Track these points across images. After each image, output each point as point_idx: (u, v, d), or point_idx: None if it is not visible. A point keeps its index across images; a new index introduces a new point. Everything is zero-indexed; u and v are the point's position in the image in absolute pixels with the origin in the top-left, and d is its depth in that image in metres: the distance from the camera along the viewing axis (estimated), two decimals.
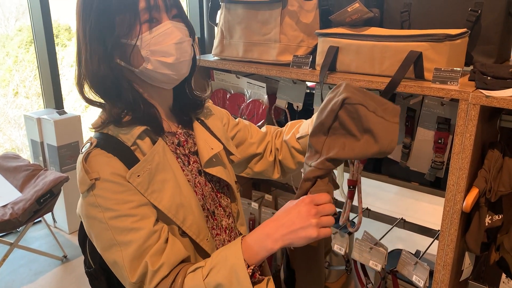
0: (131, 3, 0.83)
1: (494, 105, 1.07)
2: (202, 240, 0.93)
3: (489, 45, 1.34)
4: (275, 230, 0.83)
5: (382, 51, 1.27)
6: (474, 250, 1.26)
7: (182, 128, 1.00)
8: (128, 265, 0.83)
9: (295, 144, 1.16)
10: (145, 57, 0.86)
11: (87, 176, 0.83)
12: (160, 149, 0.90)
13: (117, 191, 0.83)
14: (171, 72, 0.88)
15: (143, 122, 0.89)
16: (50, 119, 2.84)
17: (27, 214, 2.39)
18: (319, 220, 0.82)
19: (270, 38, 1.50)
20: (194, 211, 0.91)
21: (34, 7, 2.97)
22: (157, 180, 0.87)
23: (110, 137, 0.88)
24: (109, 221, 0.83)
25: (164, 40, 0.86)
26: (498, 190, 1.19)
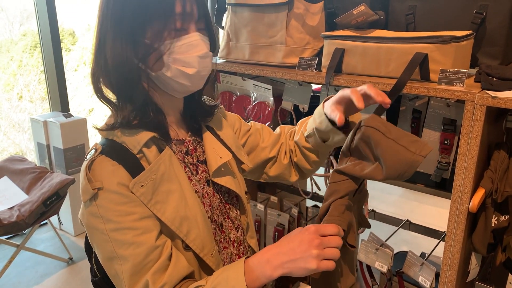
0: (168, 6, 0.82)
1: (500, 106, 1.07)
2: (206, 255, 0.90)
3: (494, 47, 1.34)
4: (275, 257, 0.80)
5: (388, 53, 1.28)
6: (481, 250, 1.26)
7: (191, 135, 0.98)
8: (127, 280, 0.82)
9: (305, 143, 1.12)
10: (166, 64, 0.84)
11: (90, 185, 0.81)
12: (167, 158, 0.87)
13: (119, 202, 0.82)
14: (188, 83, 0.87)
15: (150, 128, 0.88)
16: (56, 122, 2.86)
17: (33, 216, 2.40)
18: (321, 252, 0.77)
19: (276, 41, 1.51)
20: (199, 224, 0.88)
21: (41, 11, 3.00)
22: (161, 191, 0.85)
23: (116, 143, 0.86)
24: (110, 233, 0.81)
25: (189, 51, 0.84)
26: (504, 191, 1.19)
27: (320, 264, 0.77)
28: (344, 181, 0.91)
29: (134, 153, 0.86)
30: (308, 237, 0.79)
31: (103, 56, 0.84)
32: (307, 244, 0.78)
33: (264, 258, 0.80)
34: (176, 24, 0.83)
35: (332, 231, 0.81)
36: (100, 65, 0.85)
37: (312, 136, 1.09)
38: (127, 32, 0.82)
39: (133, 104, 0.86)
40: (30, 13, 5.60)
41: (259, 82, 1.67)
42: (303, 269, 0.77)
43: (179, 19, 0.83)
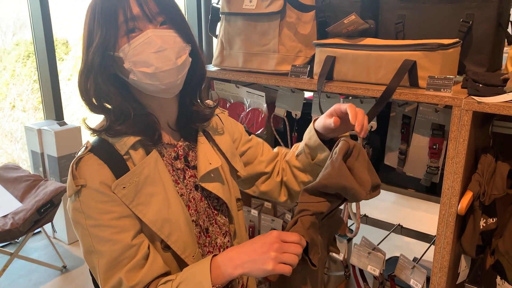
0: (111, 16, 0.84)
1: (486, 111, 1.11)
2: (188, 256, 0.92)
3: (481, 55, 1.38)
4: (237, 256, 0.83)
5: (377, 60, 1.32)
6: (470, 252, 1.29)
7: (184, 141, 0.98)
8: (102, 274, 0.85)
9: (295, 162, 1.15)
10: (129, 69, 0.85)
11: (74, 182, 0.84)
12: (152, 162, 0.89)
13: (100, 201, 0.84)
14: (153, 82, 0.86)
15: (137, 132, 0.89)
16: (50, 130, 2.87)
17: (27, 224, 2.40)
18: (278, 255, 0.80)
19: (269, 49, 1.54)
20: (181, 227, 0.90)
21: (35, 20, 3.02)
22: (144, 193, 0.87)
23: (106, 143, 0.89)
24: (90, 228, 0.85)
25: (144, 50, 0.84)
26: (491, 194, 1.23)
27: (276, 266, 0.79)
28: (315, 203, 0.93)
29: (121, 154, 0.88)
30: (269, 240, 0.82)
31: (82, 67, 0.88)
32: (267, 246, 0.81)
33: (228, 256, 0.84)
34: (125, 30, 0.85)
35: (293, 238, 0.84)
36: (80, 77, 0.89)
37: (302, 153, 1.12)
38: (90, 44, 0.86)
39: (113, 112, 0.89)
40: (23, 23, 5.62)
41: (252, 89, 1.70)
42: (260, 269, 0.80)
43: (124, 25, 0.85)
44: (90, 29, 0.87)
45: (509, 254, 1.27)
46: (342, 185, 0.89)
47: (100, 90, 0.87)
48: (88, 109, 0.91)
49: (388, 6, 1.47)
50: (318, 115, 1.56)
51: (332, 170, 0.91)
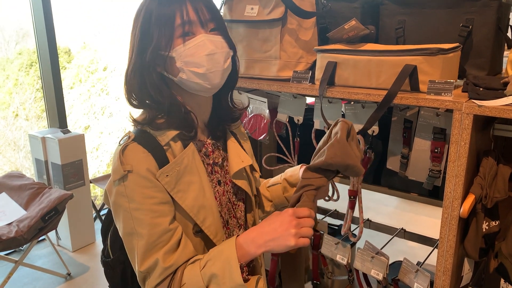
0: (168, 19, 0.92)
1: (487, 114, 1.12)
2: (219, 240, 0.99)
3: (481, 59, 1.39)
4: (259, 237, 0.91)
5: (378, 65, 1.33)
6: (473, 255, 1.29)
7: (211, 139, 1.06)
8: (141, 254, 0.91)
9: (265, 191, 1.26)
10: (180, 68, 0.94)
11: (122, 167, 0.90)
12: (190, 153, 0.97)
13: (144, 186, 0.91)
14: (203, 81, 0.95)
15: (177, 126, 0.97)
16: (54, 138, 2.89)
17: (32, 232, 2.41)
18: (298, 230, 0.90)
19: (270, 55, 1.56)
20: (214, 213, 0.99)
21: (39, 29, 3.05)
22: (183, 181, 0.95)
23: (147, 133, 0.96)
24: (132, 211, 0.91)
25: (197, 52, 0.93)
26: (493, 197, 1.23)
27: (297, 241, 0.90)
28: (317, 178, 1.03)
29: (162, 145, 0.95)
30: (287, 218, 0.91)
31: (129, 66, 0.97)
32: (286, 225, 0.90)
33: (250, 237, 0.92)
34: (181, 32, 0.93)
35: (306, 213, 0.94)
36: (129, 75, 0.97)
37: (276, 185, 1.24)
38: (141, 43, 0.94)
39: (159, 108, 0.96)
40: (26, 32, 5.66)
41: (254, 95, 1.72)
42: (283, 246, 0.90)
43: (180, 27, 0.93)
44: (144, 30, 0.94)
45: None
46: (347, 163, 1.00)
47: (148, 88, 0.95)
48: (130, 105, 0.99)
49: (388, 12, 1.48)
50: (321, 120, 1.58)
51: (338, 150, 1.00)
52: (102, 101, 6.25)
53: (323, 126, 1.59)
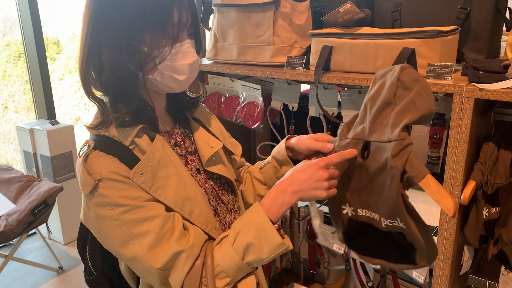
0: (166, 16, 0.83)
1: (488, 98, 1.08)
2: (211, 230, 0.93)
3: (479, 42, 1.36)
4: (290, 187, 0.89)
5: (375, 49, 1.29)
6: (473, 243, 1.27)
7: (179, 127, 1.01)
8: (148, 254, 0.83)
9: (258, 174, 1.17)
10: (160, 70, 0.87)
11: (90, 177, 0.82)
12: (160, 145, 0.90)
13: (122, 189, 0.84)
14: (176, 86, 0.91)
15: (140, 121, 0.90)
16: (43, 130, 2.82)
17: (21, 226, 2.36)
18: (330, 183, 0.89)
19: (263, 40, 1.51)
20: (200, 203, 0.92)
21: (24, 20, 2.97)
22: (160, 176, 0.87)
23: (107, 138, 0.88)
24: (121, 216, 0.83)
25: (182, 58, 0.87)
26: (494, 183, 1.20)
27: (329, 193, 0.90)
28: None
29: (127, 145, 0.87)
30: (319, 172, 0.89)
31: (97, 57, 0.85)
32: (318, 177, 0.89)
33: (279, 190, 0.90)
34: (173, 33, 0.85)
35: (338, 159, 0.91)
36: (92, 65, 0.86)
37: (267, 166, 1.14)
38: (125, 37, 0.83)
39: (127, 105, 0.88)
40: (14, 23, 5.54)
41: (247, 82, 1.67)
42: (314, 197, 0.90)
43: (176, 27, 0.85)
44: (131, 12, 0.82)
45: None
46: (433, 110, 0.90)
47: (123, 84, 0.86)
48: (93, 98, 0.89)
49: None
50: (316, 107, 1.54)
51: (427, 99, 0.89)
52: None
53: (319, 113, 1.55)
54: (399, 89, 0.89)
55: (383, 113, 0.91)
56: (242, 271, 0.87)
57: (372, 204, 0.97)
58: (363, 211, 0.99)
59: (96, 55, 0.85)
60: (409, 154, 0.86)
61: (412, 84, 0.89)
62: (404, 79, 0.89)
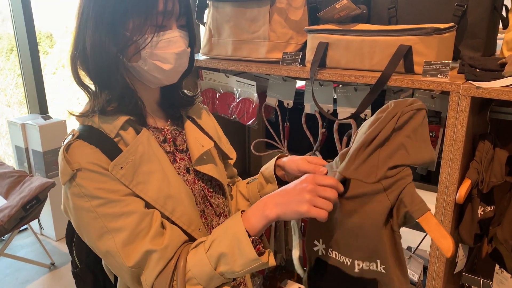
0: (151, 3, 0.82)
1: (485, 96, 1.08)
2: (194, 230, 0.90)
3: (475, 39, 1.35)
4: (271, 199, 0.83)
5: (371, 45, 1.28)
6: (468, 241, 1.26)
7: (171, 125, 0.98)
8: (121, 251, 0.81)
9: (243, 188, 1.14)
10: (143, 57, 0.86)
11: (69, 167, 0.81)
12: (145, 140, 0.88)
13: (100, 181, 0.82)
14: (162, 77, 0.89)
15: (126, 112, 0.88)
16: (35, 124, 2.79)
17: (13, 221, 2.34)
18: (313, 198, 0.79)
19: (259, 36, 1.49)
20: (184, 201, 0.89)
21: (16, 14, 2.93)
22: (142, 172, 0.85)
23: (92, 129, 0.87)
24: (97, 208, 0.81)
25: (167, 47, 0.86)
26: (490, 181, 1.20)
27: (310, 209, 0.78)
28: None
29: (112, 137, 0.86)
30: (304, 183, 0.81)
31: (82, 42, 0.85)
32: (300, 188, 0.81)
33: (262, 203, 0.83)
34: (157, 20, 0.84)
35: (329, 182, 0.82)
36: (78, 50, 0.86)
37: (254, 181, 1.11)
38: (108, 22, 0.83)
39: (110, 92, 0.87)
40: (5, 16, 5.47)
41: (242, 78, 1.65)
42: (294, 211, 0.80)
43: (160, 16, 0.84)
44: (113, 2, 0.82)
45: (508, 243, 1.24)
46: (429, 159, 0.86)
47: (109, 68, 0.85)
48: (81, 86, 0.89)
49: None
50: (311, 104, 1.53)
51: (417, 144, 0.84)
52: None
53: (314, 110, 1.54)
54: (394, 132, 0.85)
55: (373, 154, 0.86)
56: (214, 281, 0.82)
57: (343, 246, 0.91)
58: (333, 252, 0.93)
59: (81, 40, 0.85)
60: (403, 188, 0.83)
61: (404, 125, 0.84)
62: (400, 122, 0.84)
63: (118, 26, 0.83)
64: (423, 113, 0.84)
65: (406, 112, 0.84)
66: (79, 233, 0.87)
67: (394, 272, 0.87)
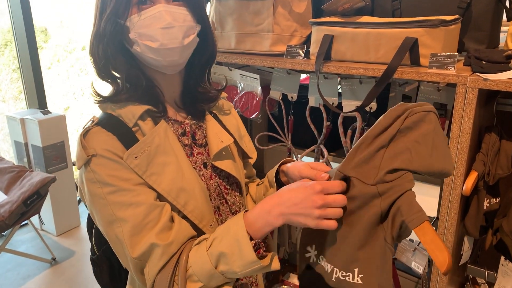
0: None
1: (493, 88, 1.07)
2: (205, 226, 0.90)
3: (480, 32, 1.35)
4: (276, 208, 0.79)
5: (377, 38, 1.27)
6: (473, 233, 1.27)
7: (191, 118, 0.97)
8: (128, 241, 0.81)
9: (253, 189, 1.12)
10: (133, 40, 0.85)
11: (84, 152, 0.82)
12: (161, 131, 0.87)
13: (114, 168, 0.82)
14: (157, 57, 0.85)
15: (144, 101, 0.88)
16: (34, 119, 2.78)
17: (14, 217, 2.33)
18: (323, 212, 0.76)
19: (263, 29, 1.49)
20: (197, 196, 0.88)
21: (14, 9, 2.91)
22: (156, 163, 0.85)
23: (112, 117, 0.87)
24: (108, 196, 0.81)
25: (152, 24, 0.83)
26: (496, 173, 1.20)
27: (319, 223, 0.76)
28: None
29: (130, 126, 0.86)
30: (312, 196, 0.77)
31: (92, 33, 0.88)
32: (310, 203, 0.76)
33: (265, 209, 0.80)
34: (138, 0, 0.84)
35: (338, 188, 0.79)
36: (95, 44, 0.87)
37: (262, 184, 1.09)
38: (108, 12, 0.84)
39: (124, 79, 0.88)
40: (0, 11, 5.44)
41: (245, 71, 1.65)
42: (301, 224, 0.78)
43: None
44: None
45: None
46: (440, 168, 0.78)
47: (109, 57, 0.86)
48: (97, 75, 0.90)
49: None
50: (316, 97, 1.53)
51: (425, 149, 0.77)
52: (82, 81, 6.07)
53: (318, 103, 1.54)
54: (399, 132, 0.78)
55: (376, 154, 0.80)
56: (215, 279, 0.81)
57: (330, 250, 0.86)
58: (323, 259, 0.88)
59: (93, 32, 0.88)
60: (401, 196, 0.76)
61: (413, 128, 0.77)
62: (407, 122, 0.78)
63: (113, 15, 0.84)
64: (433, 116, 0.77)
65: (415, 112, 0.77)
66: (92, 218, 0.88)
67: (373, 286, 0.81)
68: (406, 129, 0.78)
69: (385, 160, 0.79)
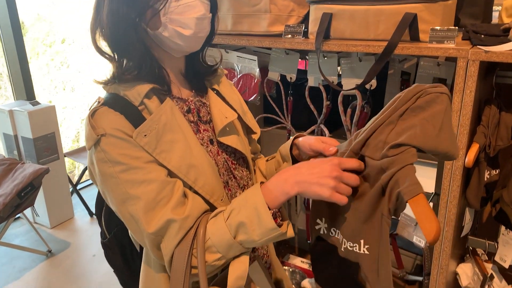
0: None
1: (494, 60, 1.09)
2: (216, 200, 0.91)
3: (474, 7, 1.37)
4: (293, 177, 0.82)
5: (377, 14, 1.28)
6: (475, 205, 1.29)
7: (195, 96, 0.98)
8: (143, 217, 0.82)
9: (262, 165, 1.14)
10: (164, 24, 0.85)
11: (93, 132, 0.82)
12: (168, 109, 0.88)
13: (124, 147, 0.82)
14: (184, 44, 0.88)
15: (150, 80, 0.88)
16: (23, 111, 2.73)
17: (8, 209, 2.30)
18: (337, 184, 0.79)
19: (260, 9, 1.48)
20: (206, 171, 0.89)
21: None
22: (165, 140, 0.86)
23: (118, 96, 0.87)
24: (119, 174, 0.82)
25: (187, 11, 0.85)
26: (496, 145, 1.23)
27: (333, 195, 0.79)
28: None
29: (136, 105, 0.86)
30: (330, 167, 0.81)
31: (101, 10, 0.85)
32: (327, 173, 0.80)
33: (282, 178, 0.83)
34: None
35: (354, 165, 0.83)
36: (98, 19, 0.86)
37: (273, 159, 1.10)
38: None
39: (130, 59, 0.88)
40: None
41: (243, 53, 1.64)
42: (316, 194, 0.80)
43: None
44: None
45: None
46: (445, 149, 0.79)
47: (127, 36, 0.85)
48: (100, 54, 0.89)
49: None
50: (315, 77, 1.53)
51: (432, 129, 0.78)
52: (63, 75, 5.96)
53: (318, 82, 1.54)
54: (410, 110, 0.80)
55: (384, 130, 0.82)
56: (233, 249, 0.83)
57: (341, 222, 0.89)
58: (336, 231, 0.90)
59: (101, 8, 0.86)
60: (401, 169, 0.77)
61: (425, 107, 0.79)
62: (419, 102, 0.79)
63: None
64: (446, 98, 0.78)
65: (429, 93, 0.78)
66: (104, 198, 0.88)
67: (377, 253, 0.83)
68: (417, 108, 0.79)
69: (391, 136, 0.80)
